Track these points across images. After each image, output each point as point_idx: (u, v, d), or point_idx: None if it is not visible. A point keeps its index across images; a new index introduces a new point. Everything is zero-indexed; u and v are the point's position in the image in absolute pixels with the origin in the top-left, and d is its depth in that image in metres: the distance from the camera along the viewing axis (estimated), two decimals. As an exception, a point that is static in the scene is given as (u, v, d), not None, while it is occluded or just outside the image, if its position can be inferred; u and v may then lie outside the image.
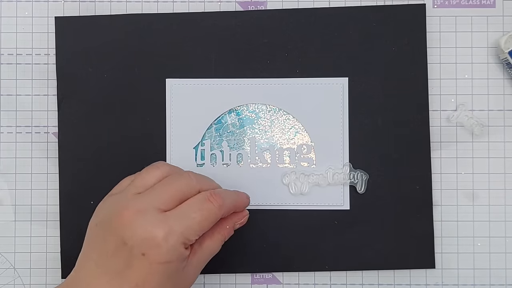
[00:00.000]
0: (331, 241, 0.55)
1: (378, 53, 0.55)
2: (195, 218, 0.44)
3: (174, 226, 0.43)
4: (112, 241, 0.43)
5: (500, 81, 0.56)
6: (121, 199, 0.45)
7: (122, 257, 0.43)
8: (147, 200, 0.44)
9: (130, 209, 0.43)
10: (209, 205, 0.45)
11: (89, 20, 0.56)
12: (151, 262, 0.42)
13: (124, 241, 0.42)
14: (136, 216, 0.43)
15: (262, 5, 0.57)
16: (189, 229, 0.44)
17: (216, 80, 0.55)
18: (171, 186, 0.45)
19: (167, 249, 0.42)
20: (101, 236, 0.44)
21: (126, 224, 0.43)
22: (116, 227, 0.43)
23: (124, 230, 0.43)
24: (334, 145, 0.55)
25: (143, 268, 0.42)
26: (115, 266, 0.43)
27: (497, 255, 0.56)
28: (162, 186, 0.45)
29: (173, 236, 0.43)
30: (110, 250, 0.43)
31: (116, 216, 0.43)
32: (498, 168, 0.56)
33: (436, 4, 0.57)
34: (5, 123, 0.57)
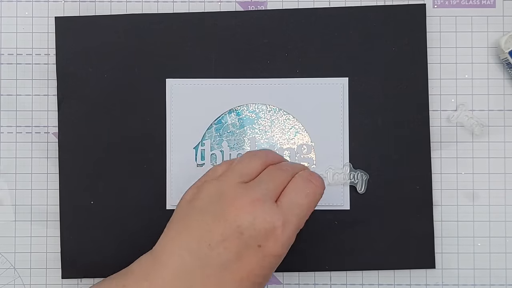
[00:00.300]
0: (331, 241, 0.55)
1: (378, 53, 0.55)
2: (303, 204, 0.43)
3: (289, 217, 0.42)
4: (220, 230, 0.41)
5: (500, 81, 0.56)
6: (229, 187, 0.43)
7: (231, 247, 0.41)
8: (261, 190, 0.42)
9: (247, 198, 0.42)
10: (312, 187, 0.44)
11: (89, 20, 0.56)
12: (266, 255, 0.41)
13: (240, 231, 0.41)
14: (254, 206, 0.41)
15: (262, 5, 0.57)
16: (301, 218, 0.43)
17: (216, 80, 0.55)
18: (279, 178, 0.44)
19: (283, 242, 0.42)
20: (204, 224, 0.42)
21: (243, 213, 0.41)
22: (230, 216, 0.41)
23: (240, 219, 0.41)
24: (334, 145, 0.55)
25: (256, 260, 0.41)
26: (219, 258, 0.41)
27: (497, 255, 0.56)
28: (270, 176, 0.44)
29: (289, 227, 0.42)
30: (216, 240, 0.41)
31: (229, 205, 0.42)
32: (498, 168, 0.56)
33: (436, 4, 0.57)
34: (5, 123, 0.57)
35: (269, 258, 0.41)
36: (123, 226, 0.55)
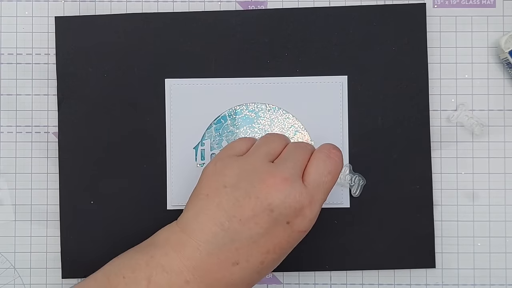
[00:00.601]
0: (331, 240, 0.55)
1: (378, 52, 0.55)
2: (327, 182, 0.45)
3: (315, 195, 0.44)
4: (251, 206, 0.43)
5: (500, 81, 0.56)
6: (259, 165, 0.45)
7: (262, 223, 0.43)
8: (288, 169, 0.44)
9: (277, 176, 0.43)
10: (333, 163, 0.46)
11: (89, 20, 0.56)
12: (293, 230, 0.44)
13: (270, 208, 0.43)
14: (285, 185, 0.43)
15: (262, 5, 0.57)
16: (326, 194, 0.45)
17: (216, 80, 0.55)
18: (301, 157, 0.46)
19: (310, 218, 0.44)
20: (234, 200, 0.43)
21: (274, 191, 0.43)
22: (261, 193, 0.43)
23: (272, 197, 0.43)
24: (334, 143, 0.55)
25: (283, 235, 0.43)
26: (249, 232, 0.43)
27: (497, 255, 0.56)
28: (293, 155, 0.46)
29: (316, 205, 0.44)
30: (247, 216, 0.43)
31: (260, 182, 0.43)
32: (498, 168, 0.56)
33: (436, 4, 0.57)
34: (5, 123, 0.57)
35: (296, 233, 0.44)
36: (123, 226, 0.55)
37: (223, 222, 0.43)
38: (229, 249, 0.43)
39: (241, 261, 0.43)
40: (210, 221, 0.43)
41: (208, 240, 0.43)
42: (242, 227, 0.43)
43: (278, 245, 0.44)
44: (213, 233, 0.43)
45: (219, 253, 0.43)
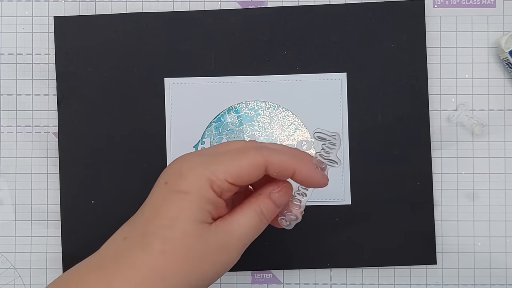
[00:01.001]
0: (332, 238, 0.55)
1: (378, 49, 0.55)
2: (227, 157, 0.40)
3: (204, 159, 0.40)
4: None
5: (501, 80, 0.56)
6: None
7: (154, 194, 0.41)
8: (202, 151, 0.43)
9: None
10: (251, 151, 0.40)
11: (88, 20, 0.56)
12: (168, 191, 0.40)
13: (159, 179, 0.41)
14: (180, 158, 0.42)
15: (262, 5, 0.57)
16: (217, 164, 0.40)
17: (215, 78, 0.55)
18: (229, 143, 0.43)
19: (187, 178, 0.40)
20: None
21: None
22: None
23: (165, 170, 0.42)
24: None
25: (161, 195, 0.41)
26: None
27: (497, 255, 0.56)
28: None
29: (198, 167, 0.40)
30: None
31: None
32: (499, 168, 0.56)
33: (437, 3, 0.57)
34: (5, 123, 0.57)
35: (173, 194, 0.40)
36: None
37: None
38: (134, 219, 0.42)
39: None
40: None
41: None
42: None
43: (160, 207, 0.41)
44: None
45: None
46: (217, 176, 0.39)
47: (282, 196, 0.42)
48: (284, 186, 0.42)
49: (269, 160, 0.40)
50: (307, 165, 0.41)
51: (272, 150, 0.41)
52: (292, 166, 0.40)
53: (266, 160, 0.40)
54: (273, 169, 0.40)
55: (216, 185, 0.39)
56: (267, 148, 0.41)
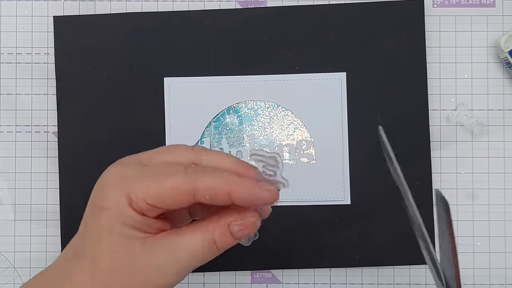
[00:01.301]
0: (332, 238, 0.55)
1: (377, 49, 0.55)
2: (150, 175, 0.37)
3: (127, 173, 0.38)
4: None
5: (500, 80, 0.56)
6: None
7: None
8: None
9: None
10: (178, 172, 0.36)
11: (88, 19, 0.56)
12: (90, 205, 0.39)
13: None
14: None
15: (261, 5, 0.57)
16: (138, 182, 0.36)
17: (215, 78, 0.55)
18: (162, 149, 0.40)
19: (107, 193, 0.37)
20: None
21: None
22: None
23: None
24: (334, 141, 0.55)
25: (89, 210, 0.39)
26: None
27: (497, 254, 0.56)
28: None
29: (119, 182, 0.37)
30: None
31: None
32: (498, 168, 0.56)
33: (436, 3, 0.57)
34: (5, 122, 0.57)
35: (90, 208, 0.40)
36: (122, 225, 0.55)
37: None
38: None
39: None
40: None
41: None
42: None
43: (86, 226, 0.39)
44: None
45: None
46: (136, 195, 0.36)
47: (244, 230, 0.38)
48: (249, 218, 0.38)
49: (197, 185, 0.36)
50: (245, 184, 0.36)
51: (204, 173, 0.36)
52: (226, 189, 0.36)
53: (192, 186, 0.36)
54: (202, 196, 0.36)
55: (135, 204, 0.36)
56: (198, 171, 0.36)
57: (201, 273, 0.56)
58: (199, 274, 0.56)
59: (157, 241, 0.37)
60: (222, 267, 0.55)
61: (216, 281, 0.56)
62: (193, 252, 0.37)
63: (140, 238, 0.37)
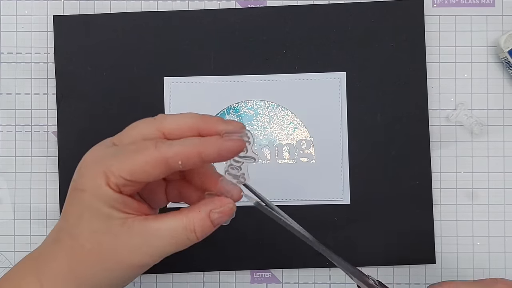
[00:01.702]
0: (331, 237, 0.55)
1: (377, 49, 0.55)
2: (123, 152, 0.38)
3: (101, 154, 0.39)
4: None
5: (500, 80, 0.56)
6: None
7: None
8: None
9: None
10: (149, 147, 0.38)
11: (87, 19, 0.56)
12: (71, 189, 0.40)
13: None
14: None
15: (261, 4, 0.57)
16: (112, 160, 0.38)
17: (214, 78, 0.55)
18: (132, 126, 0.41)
19: (84, 175, 0.39)
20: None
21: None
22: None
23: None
24: (334, 140, 0.55)
25: (69, 194, 0.40)
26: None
27: (496, 254, 0.56)
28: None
29: (94, 164, 0.39)
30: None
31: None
32: (498, 167, 0.56)
33: (436, 3, 0.57)
34: (5, 122, 0.57)
35: (73, 192, 0.40)
36: (122, 225, 0.55)
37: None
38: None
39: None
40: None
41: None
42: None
43: (66, 209, 0.41)
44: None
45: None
46: (111, 171, 0.38)
47: (223, 217, 0.40)
48: (228, 205, 0.40)
49: (168, 154, 0.37)
50: (211, 141, 0.38)
51: (174, 143, 0.38)
52: (195, 151, 0.37)
53: (164, 156, 0.37)
54: (174, 162, 0.37)
55: (111, 181, 0.38)
56: (166, 143, 0.38)
57: (201, 272, 0.56)
58: (199, 273, 0.56)
59: (136, 223, 0.38)
60: (222, 267, 0.55)
61: (216, 281, 0.56)
62: (172, 239, 0.39)
63: (119, 218, 0.38)
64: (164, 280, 0.56)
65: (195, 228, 0.39)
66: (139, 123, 0.41)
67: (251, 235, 0.55)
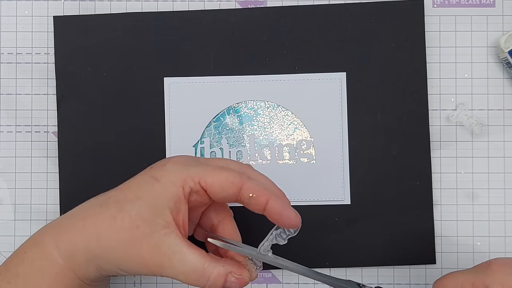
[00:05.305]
0: (332, 237, 0.55)
1: (377, 49, 0.55)
2: (209, 167, 0.44)
3: (190, 162, 0.44)
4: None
5: (500, 80, 0.56)
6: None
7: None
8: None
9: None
10: (232, 169, 0.44)
11: (88, 19, 0.56)
12: (145, 173, 0.45)
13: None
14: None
15: (261, 5, 0.57)
16: (198, 169, 0.43)
17: (215, 78, 0.55)
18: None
19: (166, 169, 0.44)
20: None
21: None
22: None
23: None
24: (334, 140, 0.55)
25: (141, 175, 0.46)
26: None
27: (496, 254, 0.56)
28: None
29: (181, 166, 0.44)
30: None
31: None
32: (498, 168, 0.56)
33: (436, 3, 0.57)
34: (5, 122, 0.57)
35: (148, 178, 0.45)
36: (122, 225, 0.55)
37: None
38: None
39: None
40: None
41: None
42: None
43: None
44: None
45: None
46: (192, 177, 0.43)
47: (237, 284, 0.43)
48: (245, 276, 0.44)
49: (245, 183, 0.43)
50: (281, 199, 0.44)
51: (251, 177, 0.44)
52: (266, 194, 0.43)
53: (242, 181, 0.43)
54: (247, 192, 0.43)
55: (187, 185, 0.43)
56: (247, 174, 0.44)
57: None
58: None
59: (172, 237, 0.42)
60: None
61: (216, 281, 0.56)
62: (187, 272, 0.42)
63: (165, 220, 0.42)
64: (164, 280, 0.56)
65: (209, 278, 0.42)
66: (228, 159, 0.48)
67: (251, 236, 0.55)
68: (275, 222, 0.44)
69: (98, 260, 0.44)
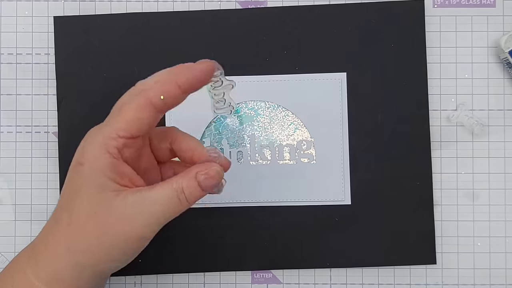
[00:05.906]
0: (332, 238, 0.55)
1: (377, 50, 0.55)
2: (114, 113, 0.42)
3: (99, 126, 0.42)
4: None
5: (500, 80, 0.56)
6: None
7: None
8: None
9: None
10: (133, 99, 0.41)
11: (88, 20, 0.56)
12: (70, 167, 0.42)
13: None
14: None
15: (262, 5, 0.57)
16: (107, 126, 0.41)
17: (215, 78, 0.55)
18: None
19: (85, 150, 0.41)
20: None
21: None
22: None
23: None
24: (334, 141, 0.55)
25: (68, 172, 0.43)
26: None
27: (497, 254, 0.56)
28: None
29: (94, 136, 0.41)
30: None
31: None
32: (498, 168, 0.56)
33: (436, 3, 0.57)
34: (5, 123, 0.57)
35: (73, 166, 0.43)
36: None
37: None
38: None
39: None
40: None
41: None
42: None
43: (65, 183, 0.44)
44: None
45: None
46: (108, 135, 0.40)
47: (209, 180, 0.41)
48: (214, 168, 0.41)
49: (150, 94, 0.40)
50: (184, 68, 0.42)
51: (151, 83, 0.41)
52: (173, 82, 0.41)
53: (147, 97, 0.40)
54: (156, 97, 0.40)
55: (110, 147, 0.40)
56: (146, 86, 0.41)
57: (201, 273, 0.56)
58: (200, 274, 0.56)
59: (130, 194, 0.40)
60: (222, 267, 0.55)
61: (217, 281, 0.56)
62: (164, 204, 0.40)
63: (115, 190, 0.40)
64: (165, 280, 0.56)
65: (183, 189, 0.40)
66: (122, 96, 0.43)
67: (251, 236, 0.55)
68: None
69: (87, 269, 0.42)
